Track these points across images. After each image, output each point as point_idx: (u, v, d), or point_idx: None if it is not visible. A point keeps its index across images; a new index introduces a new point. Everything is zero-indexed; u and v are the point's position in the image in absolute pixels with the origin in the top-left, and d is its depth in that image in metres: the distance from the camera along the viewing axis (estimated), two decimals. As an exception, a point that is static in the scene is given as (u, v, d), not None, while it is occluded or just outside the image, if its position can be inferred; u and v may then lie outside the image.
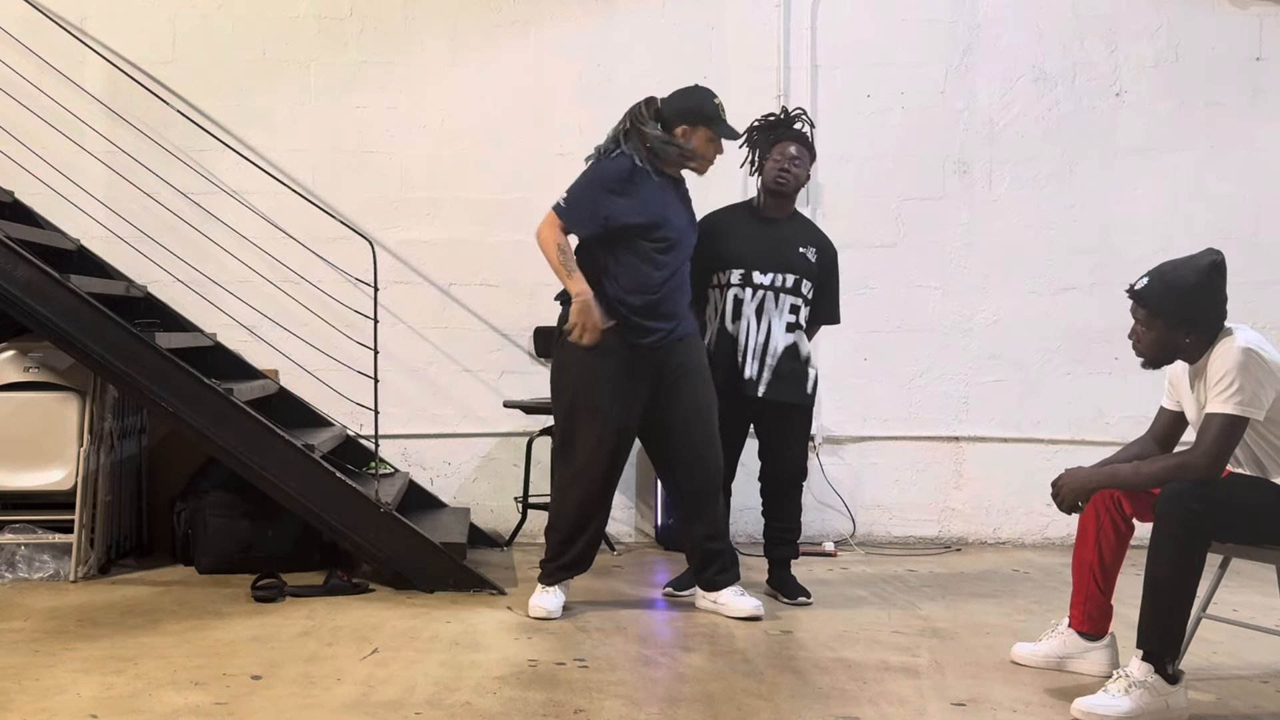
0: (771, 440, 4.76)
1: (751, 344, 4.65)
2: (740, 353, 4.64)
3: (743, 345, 4.64)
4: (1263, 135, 6.28)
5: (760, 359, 4.64)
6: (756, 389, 4.64)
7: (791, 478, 4.78)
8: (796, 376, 4.68)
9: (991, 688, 3.60)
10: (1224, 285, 3.43)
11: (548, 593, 4.42)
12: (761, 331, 4.65)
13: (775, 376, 4.65)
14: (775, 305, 4.66)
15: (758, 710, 3.33)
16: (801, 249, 4.71)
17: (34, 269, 4.64)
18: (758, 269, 4.66)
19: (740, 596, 4.46)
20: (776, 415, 4.71)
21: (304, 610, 4.42)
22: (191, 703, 3.31)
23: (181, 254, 5.40)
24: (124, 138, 5.63)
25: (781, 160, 4.68)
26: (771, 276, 4.66)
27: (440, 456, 6.08)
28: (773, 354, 4.65)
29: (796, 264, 4.69)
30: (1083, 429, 6.22)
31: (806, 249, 4.72)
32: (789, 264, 4.68)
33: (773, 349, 4.65)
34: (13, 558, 4.84)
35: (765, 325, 4.66)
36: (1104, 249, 6.22)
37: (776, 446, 4.75)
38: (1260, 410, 3.32)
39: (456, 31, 6.09)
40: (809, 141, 4.78)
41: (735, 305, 4.66)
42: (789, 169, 4.68)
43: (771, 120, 4.81)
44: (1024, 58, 6.26)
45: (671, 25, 6.15)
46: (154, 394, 4.72)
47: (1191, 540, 3.27)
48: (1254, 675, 3.80)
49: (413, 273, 6.05)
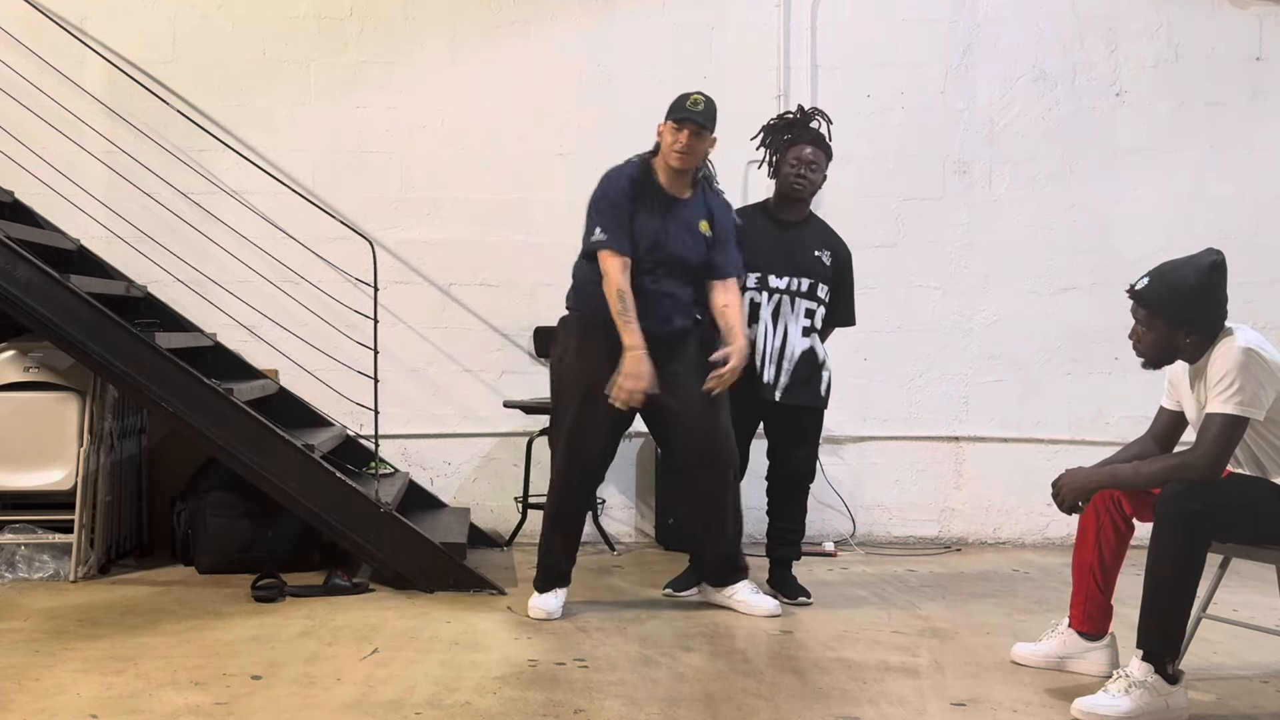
0: (782, 440, 4.76)
1: (769, 348, 4.64)
2: (758, 356, 4.62)
3: (760, 349, 4.63)
4: (1263, 135, 6.28)
5: (777, 363, 4.64)
6: (774, 393, 4.64)
7: (799, 478, 4.78)
8: (812, 380, 4.69)
9: (991, 688, 3.60)
10: (1224, 285, 3.42)
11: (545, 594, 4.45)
12: (778, 335, 4.65)
13: (793, 381, 4.65)
14: (791, 309, 4.66)
15: (758, 710, 3.33)
16: (817, 252, 4.71)
17: (34, 269, 4.64)
18: (774, 273, 4.65)
19: (756, 594, 4.52)
20: (789, 416, 4.71)
21: (304, 610, 4.42)
22: (191, 703, 3.31)
23: (181, 254, 5.41)
24: (124, 138, 5.63)
25: (798, 164, 4.65)
26: (788, 281, 4.66)
27: (440, 456, 6.08)
28: (789, 358, 4.65)
29: (812, 268, 4.68)
30: (1083, 429, 6.22)
31: (821, 252, 4.71)
32: (805, 268, 4.67)
33: (789, 353, 4.65)
34: (13, 558, 4.84)
35: (782, 329, 4.65)
36: (1104, 249, 6.22)
37: (786, 447, 4.75)
38: (1260, 410, 3.32)
39: (456, 31, 6.09)
40: (825, 143, 4.74)
41: (752, 309, 4.64)
42: (805, 174, 4.65)
43: (788, 120, 4.78)
44: (1024, 58, 6.26)
45: (671, 25, 6.15)
46: (154, 394, 4.72)
47: (1191, 540, 3.27)
48: (1254, 675, 3.80)
49: (413, 273, 6.05)
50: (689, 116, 4.29)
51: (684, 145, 4.30)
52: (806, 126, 4.73)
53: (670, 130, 4.33)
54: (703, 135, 4.32)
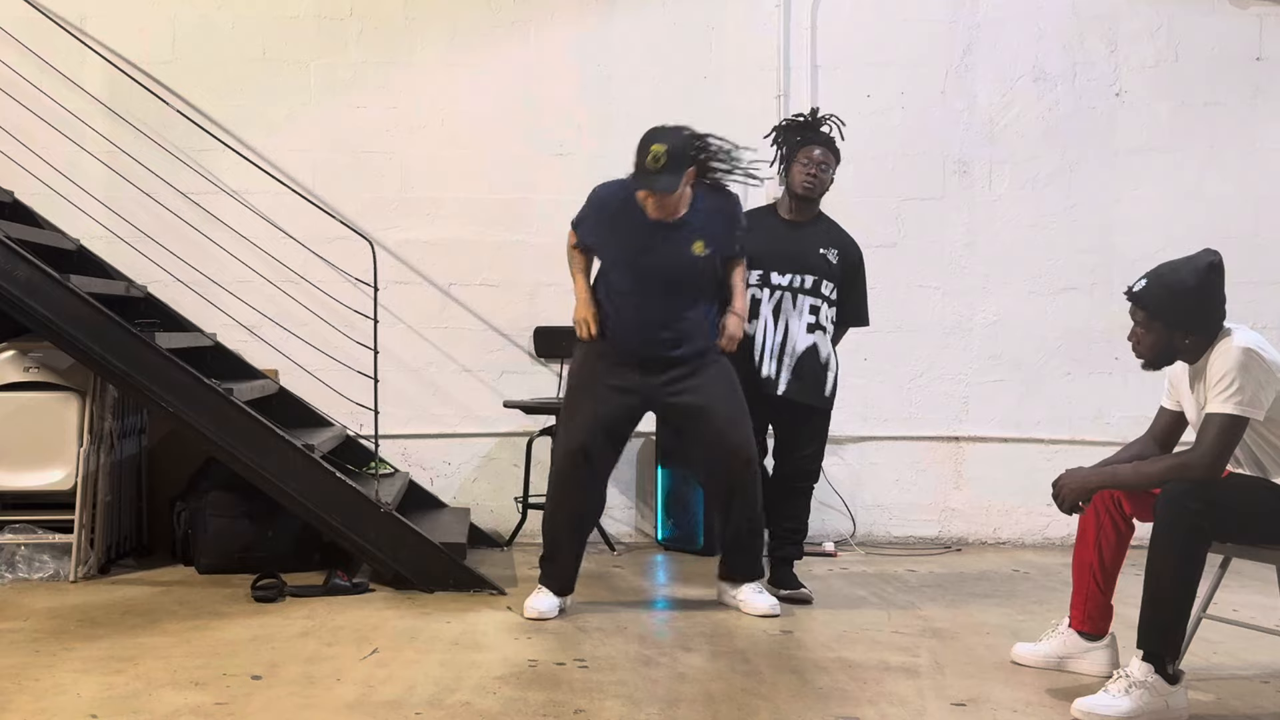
0: (788, 439, 4.80)
1: (769, 343, 4.69)
2: (757, 351, 4.68)
3: (760, 344, 4.68)
4: (1263, 135, 6.27)
5: (778, 358, 4.68)
6: (776, 387, 4.68)
7: (803, 477, 4.82)
8: (816, 378, 4.72)
9: (991, 688, 3.60)
10: (1222, 286, 3.42)
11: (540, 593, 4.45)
12: (779, 331, 4.69)
13: (795, 376, 4.69)
14: (793, 306, 4.70)
15: (758, 710, 3.33)
16: (822, 250, 4.75)
17: (34, 269, 4.64)
18: (775, 270, 4.70)
19: (758, 594, 4.53)
20: (795, 416, 4.75)
21: (304, 610, 4.42)
22: (191, 703, 3.31)
23: (181, 254, 5.41)
24: (124, 138, 5.62)
25: (809, 165, 4.72)
26: (790, 277, 4.70)
27: (440, 456, 6.08)
28: (791, 354, 4.69)
29: (816, 265, 4.72)
30: (1083, 429, 6.22)
31: (828, 250, 4.76)
32: (808, 265, 4.71)
33: (791, 348, 4.69)
34: (13, 558, 4.84)
35: (783, 325, 4.69)
36: (1104, 249, 6.22)
37: (792, 446, 4.79)
38: (1260, 410, 3.32)
39: (456, 32, 6.08)
40: (835, 145, 4.80)
41: (753, 305, 4.69)
42: (816, 174, 4.72)
43: (800, 121, 4.84)
44: (1024, 58, 6.25)
45: (671, 25, 6.14)
46: (154, 394, 4.72)
47: (1191, 540, 3.27)
48: (1254, 675, 3.80)
49: (413, 273, 6.05)
50: (648, 185, 4.24)
51: (653, 207, 4.31)
52: (818, 129, 4.79)
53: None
54: (668, 197, 4.27)
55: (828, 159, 4.75)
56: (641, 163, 4.23)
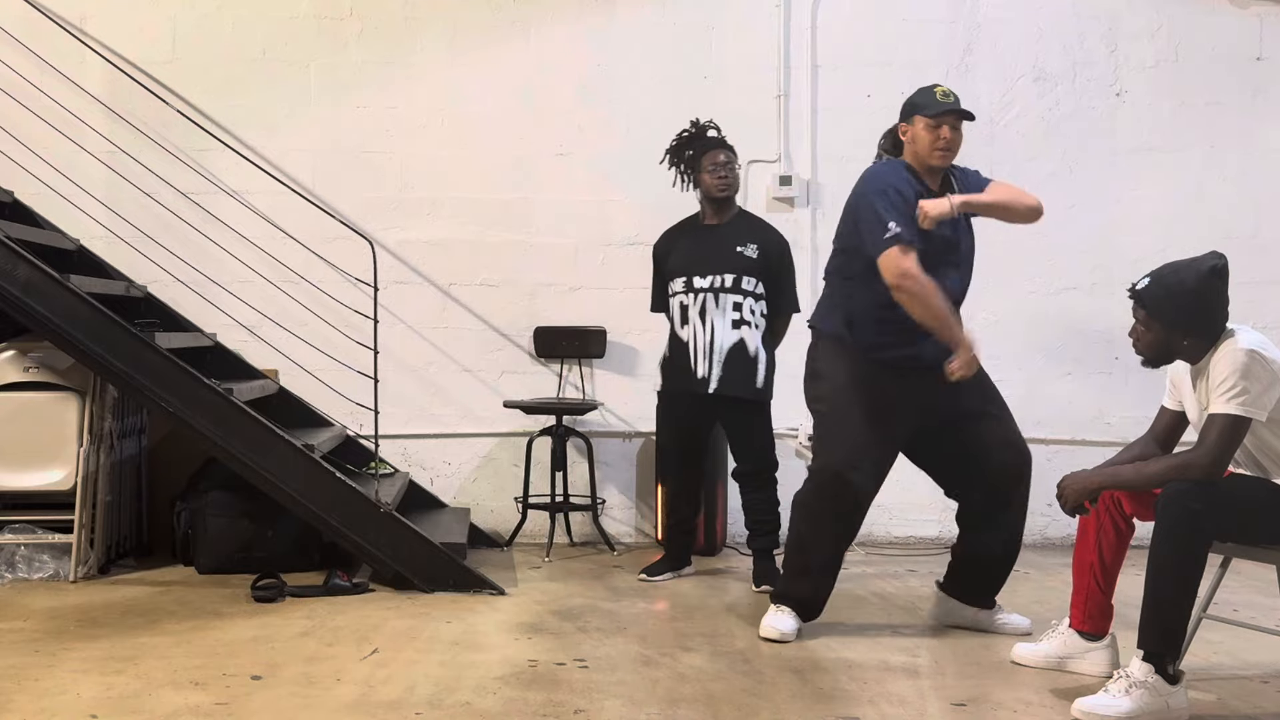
0: (737, 436, 5.03)
1: (700, 345, 4.93)
2: (691, 355, 4.92)
3: (692, 347, 4.93)
4: (1263, 135, 6.27)
5: (709, 357, 4.91)
6: (708, 386, 4.90)
7: (761, 470, 4.98)
8: (745, 371, 4.89)
9: (991, 688, 3.60)
10: (1225, 289, 3.42)
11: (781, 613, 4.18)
12: (707, 332, 4.92)
13: (725, 372, 4.90)
14: (716, 305, 4.92)
15: (758, 710, 3.33)
16: (739, 248, 4.95)
17: (34, 269, 4.64)
18: (696, 274, 4.95)
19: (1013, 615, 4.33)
20: (735, 412, 4.96)
21: (304, 610, 4.42)
22: (191, 703, 3.31)
23: (181, 254, 5.41)
24: (124, 138, 5.63)
25: (716, 168, 4.96)
26: (710, 279, 4.94)
27: (440, 456, 6.08)
28: (719, 351, 4.90)
29: (733, 262, 4.93)
30: (1083, 429, 6.21)
31: (745, 246, 4.95)
32: (726, 264, 4.93)
33: (719, 347, 4.90)
34: (13, 558, 4.84)
35: (709, 325, 4.92)
36: (1104, 249, 6.22)
37: (743, 441, 5.01)
38: (1263, 411, 3.32)
39: (456, 31, 6.09)
40: (728, 143, 5.06)
41: (681, 311, 4.98)
42: (725, 175, 4.97)
43: (687, 136, 5.10)
44: (1024, 58, 6.25)
45: (671, 25, 6.14)
46: (154, 394, 4.72)
47: (1192, 540, 3.27)
48: (1254, 675, 3.80)
49: (413, 273, 6.05)
50: (948, 108, 4.03)
51: (947, 140, 4.06)
52: (706, 135, 5.06)
53: (926, 128, 4.05)
54: (960, 127, 4.08)
55: (730, 157, 5.00)
56: (931, 98, 4.05)
